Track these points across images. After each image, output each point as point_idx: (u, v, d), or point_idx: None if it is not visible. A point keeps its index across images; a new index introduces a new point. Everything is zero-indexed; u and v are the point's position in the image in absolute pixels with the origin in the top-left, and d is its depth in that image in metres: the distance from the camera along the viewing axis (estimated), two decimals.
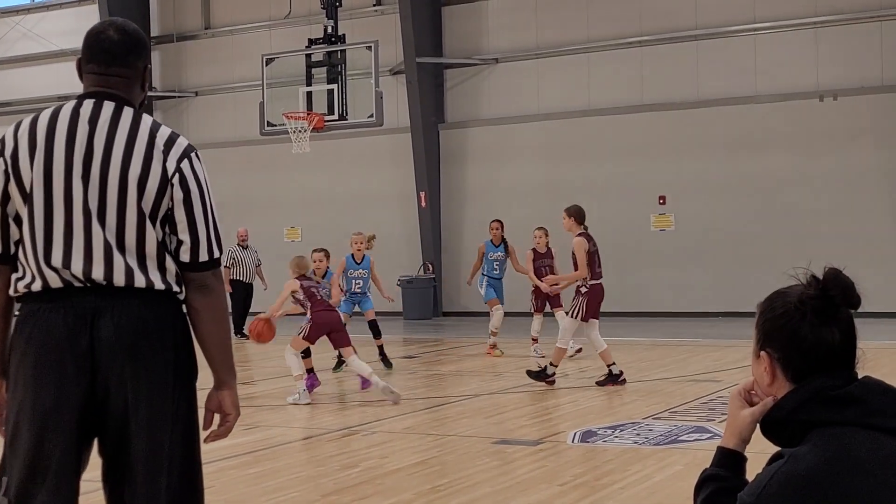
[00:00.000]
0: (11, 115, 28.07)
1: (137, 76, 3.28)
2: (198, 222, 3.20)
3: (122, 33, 3.26)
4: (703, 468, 2.56)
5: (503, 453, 7.64)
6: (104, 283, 3.10)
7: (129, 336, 3.09)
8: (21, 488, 3.08)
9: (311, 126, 17.83)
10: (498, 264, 14.63)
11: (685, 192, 20.90)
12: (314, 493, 6.42)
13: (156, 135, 3.18)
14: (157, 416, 3.13)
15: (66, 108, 3.20)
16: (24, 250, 3.15)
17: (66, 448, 3.08)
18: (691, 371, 12.24)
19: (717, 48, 20.78)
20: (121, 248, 3.11)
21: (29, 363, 3.10)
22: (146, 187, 3.12)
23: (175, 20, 26.13)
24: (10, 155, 3.15)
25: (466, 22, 23.12)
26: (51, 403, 3.07)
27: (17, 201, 3.15)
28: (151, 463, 3.13)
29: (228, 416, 3.32)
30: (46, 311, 3.10)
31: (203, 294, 3.24)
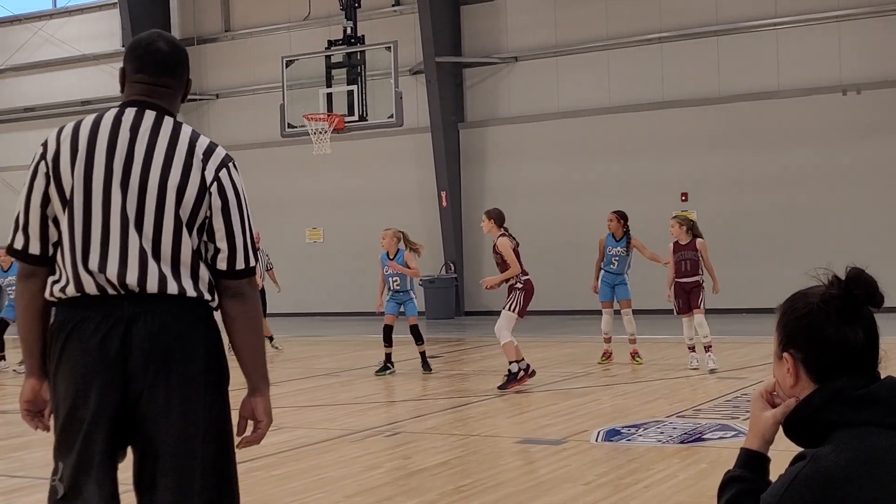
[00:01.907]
0: (34, 121, 28.28)
1: (181, 87, 3.37)
2: (235, 231, 3.25)
3: (171, 45, 3.34)
4: (727, 466, 2.55)
5: (527, 453, 7.63)
6: (137, 289, 3.14)
7: (160, 343, 3.13)
8: (72, 479, 3.17)
9: (331, 127, 17.87)
10: (617, 259, 13.24)
11: (707, 188, 20.81)
12: (338, 495, 6.43)
13: (195, 144, 3.23)
14: (189, 422, 3.17)
15: (109, 115, 3.27)
16: (62, 254, 3.20)
17: (105, 449, 3.16)
18: (717, 364, 12.17)
19: (739, 43, 20.68)
20: (156, 254, 3.16)
21: (67, 368, 3.17)
22: (185, 195, 3.17)
23: (195, 23, 26.22)
24: (51, 159, 3.21)
25: (485, 21, 23.10)
26: (90, 409, 3.14)
27: (57, 205, 3.20)
28: (183, 468, 3.17)
29: (260, 423, 3.35)
30: (81, 319, 3.16)
31: (238, 302, 3.28)
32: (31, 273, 3.26)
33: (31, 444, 8.67)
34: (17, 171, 28.15)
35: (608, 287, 13.31)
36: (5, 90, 28.91)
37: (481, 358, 14.72)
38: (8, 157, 28.48)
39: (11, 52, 28.47)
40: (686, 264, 12.33)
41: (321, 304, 24.29)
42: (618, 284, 13.33)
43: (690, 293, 12.34)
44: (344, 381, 12.52)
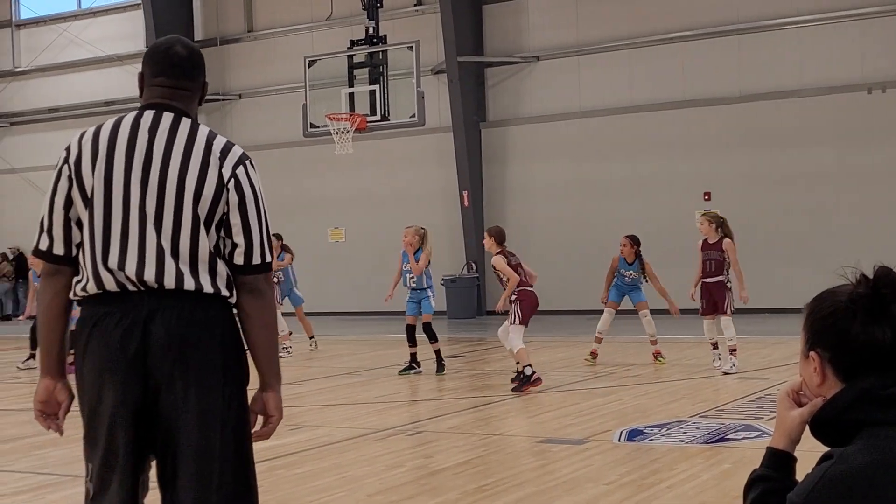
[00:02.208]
0: (59, 121, 28.46)
1: (199, 90, 3.48)
2: (252, 226, 3.31)
3: (188, 49, 3.45)
4: (752, 467, 2.54)
5: (548, 452, 7.62)
6: (155, 285, 3.21)
7: (178, 338, 3.19)
8: (99, 476, 3.25)
9: (353, 127, 17.90)
10: (630, 280, 13.38)
11: (730, 187, 20.73)
12: (360, 493, 6.44)
13: (212, 143, 3.32)
14: (207, 416, 3.22)
15: (128, 118, 3.35)
16: (83, 253, 3.28)
17: (128, 445, 3.22)
18: (738, 368, 12.12)
19: (761, 42, 20.60)
20: (174, 251, 3.23)
21: (90, 366, 3.25)
22: (203, 192, 3.24)
23: (218, 24, 26.32)
24: (73, 162, 3.30)
25: (507, 20, 23.09)
26: (114, 403, 3.21)
27: (80, 206, 3.28)
28: (201, 462, 3.22)
29: (272, 417, 3.40)
30: (103, 316, 3.23)
31: (254, 297, 3.33)
32: (55, 272, 3.33)
33: (57, 441, 8.70)
34: (42, 171, 28.34)
35: (619, 292, 13.38)
36: (31, 91, 29.11)
37: (502, 358, 14.69)
38: (33, 157, 28.67)
39: (37, 52, 28.68)
40: (711, 264, 12.22)
41: (343, 303, 24.33)
42: (631, 291, 13.37)
43: (715, 294, 12.12)
44: (365, 380, 12.54)
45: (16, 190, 28.88)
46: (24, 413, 10.88)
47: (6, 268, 28.23)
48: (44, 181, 32.39)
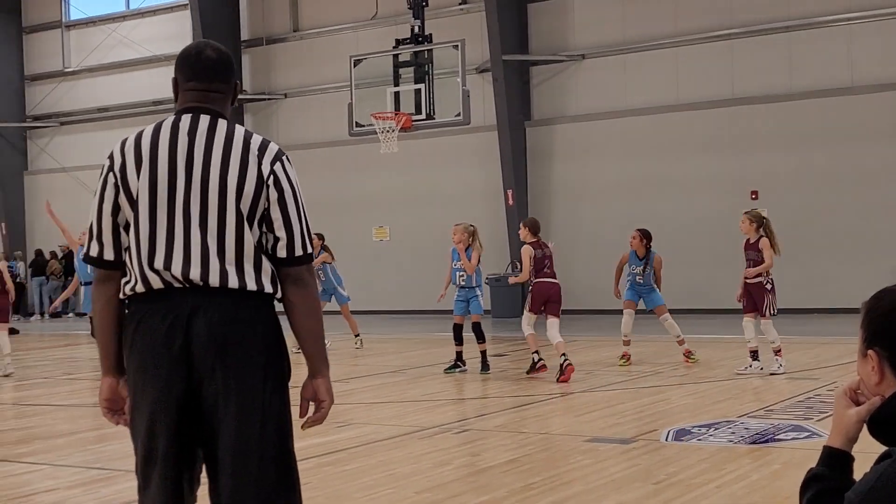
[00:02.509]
0: (108, 121, 28.81)
1: (231, 91, 3.55)
2: (292, 220, 3.41)
3: (218, 52, 3.54)
4: (801, 468, 2.54)
5: (596, 451, 7.60)
6: (200, 283, 3.30)
7: (220, 334, 3.29)
8: (143, 471, 3.37)
9: (398, 126, 17.95)
10: (641, 278, 13.10)
11: (778, 186, 20.55)
12: (408, 490, 6.47)
13: (250, 141, 3.42)
14: (247, 411, 3.30)
15: (167, 123, 3.44)
16: (130, 255, 3.38)
17: (170, 439, 3.31)
18: (786, 369, 12.02)
19: (811, 39, 20.40)
20: (220, 250, 3.33)
21: (135, 361, 3.35)
22: (244, 189, 3.34)
23: (264, 24, 26.50)
24: (118, 169, 3.40)
25: (552, 18, 23.04)
26: (156, 398, 3.30)
27: (126, 210, 3.39)
28: (239, 455, 3.30)
29: (323, 402, 3.50)
30: (148, 312, 3.34)
31: (298, 288, 3.44)
32: (107, 277, 3.45)
33: (108, 436, 8.85)
34: (91, 170, 28.70)
35: (634, 291, 13.18)
36: (80, 91, 29.50)
37: (547, 357, 14.68)
38: (82, 156, 29.06)
39: (86, 53, 29.06)
40: (750, 264, 12.08)
41: (387, 302, 24.41)
42: (645, 294, 13.18)
43: (754, 295, 12.00)
44: (411, 378, 12.58)
45: (66, 189, 29.26)
46: (77, 409, 11.06)
47: (55, 266, 28.61)
48: (93, 180, 32.84)
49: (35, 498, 6.74)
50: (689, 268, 21.07)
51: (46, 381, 13.49)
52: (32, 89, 30.39)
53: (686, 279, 21.02)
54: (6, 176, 29.99)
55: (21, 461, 7.90)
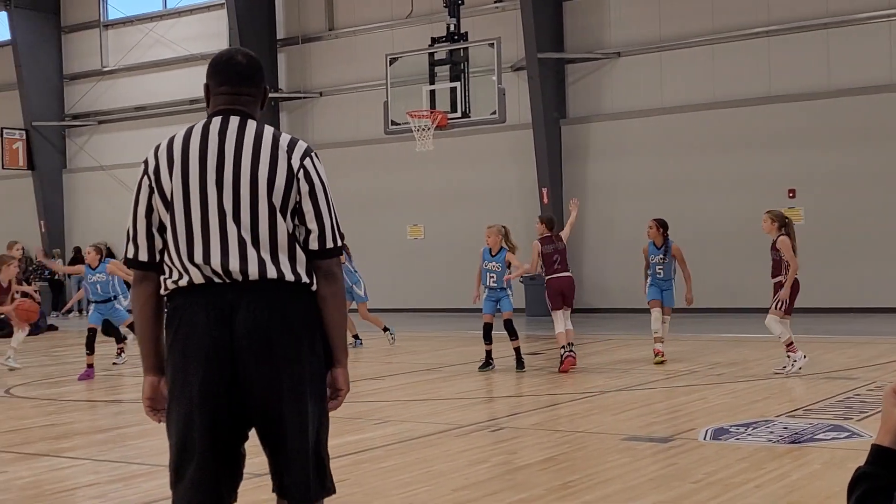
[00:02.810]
0: (145, 119, 29.04)
1: (260, 95, 3.67)
2: (323, 213, 3.51)
3: (247, 57, 3.68)
4: (842, 467, 2.52)
5: (633, 450, 7.58)
6: (240, 276, 3.40)
7: (263, 325, 3.38)
8: (176, 465, 3.43)
9: (434, 124, 17.97)
10: (662, 267, 13.23)
11: (815, 185, 20.38)
12: (445, 488, 6.48)
13: (279, 139, 3.53)
14: (295, 397, 3.42)
15: (197, 126, 3.55)
16: (170, 252, 3.47)
17: (209, 431, 3.39)
18: (825, 368, 11.94)
19: (849, 36, 20.21)
20: (255, 242, 3.42)
21: (177, 354, 3.43)
22: (275, 183, 3.44)
23: (300, 22, 26.61)
24: (152, 172, 3.51)
25: (587, 16, 22.97)
26: (195, 391, 3.38)
27: (161, 211, 3.49)
28: (296, 443, 3.42)
29: (340, 391, 3.62)
30: (190, 307, 3.42)
31: (329, 281, 3.55)
32: (144, 278, 3.56)
33: (148, 432, 8.92)
34: (129, 168, 28.95)
35: (657, 288, 13.27)
36: (118, 90, 29.75)
37: (583, 355, 14.66)
38: (120, 154, 29.30)
39: (124, 52, 29.30)
40: (773, 263, 11.86)
41: (421, 300, 24.44)
42: (665, 290, 13.28)
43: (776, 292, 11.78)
44: (446, 376, 12.59)
45: (104, 187, 29.54)
46: (115, 405, 11.17)
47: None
48: (130, 178, 33.04)
49: (77, 492, 6.82)
50: (725, 267, 20.95)
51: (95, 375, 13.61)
52: (71, 88, 30.69)
53: (723, 278, 20.90)
54: (45, 174, 30.31)
55: (62, 455, 7.99)
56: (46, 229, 30.18)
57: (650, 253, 13.33)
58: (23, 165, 30.01)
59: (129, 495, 6.59)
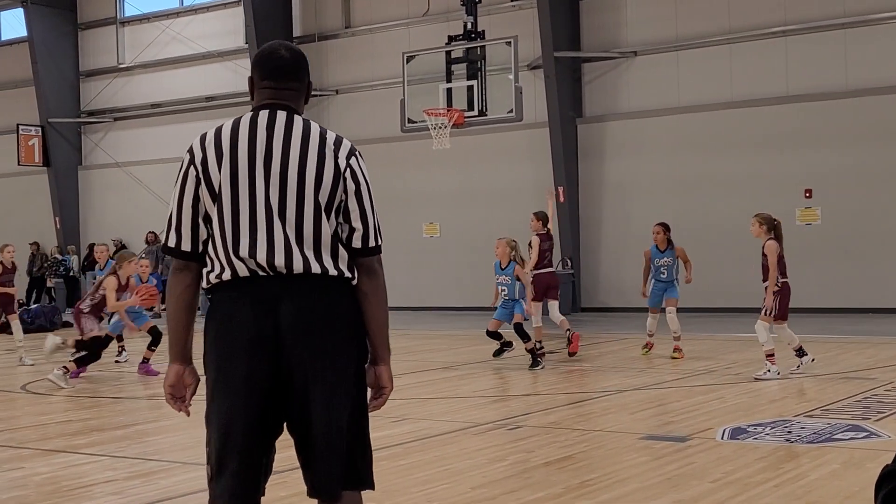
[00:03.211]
0: (160, 116, 29.10)
1: (304, 89, 3.69)
2: (367, 212, 3.57)
3: (291, 52, 3.68)
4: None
5: (651, 449, 7.56)
6: (284, 270, 3.42)
7: (307, 318, 3.41)
8: (218, 457, 3.44)
9: (451, 122, 17.97)
10: (665, 269, 13.56)
11: (832, 185, 20.29)
12: (464, 486, 6.48)
13: (325, 137, 3.57)
14: (336, 392, 3.44)
15: (245, 118, 3.56)
16: (214, 245, 3.49)
17: (253, 422, 3.42)
18: (842, 368, 11.90)
19: (867, 36, 20.10)
20: (299, 239, 3.44)
21: (221, 346, 3.45)
22: (322, 181, 3.47)
23: (316, 20, 26.63)
24: (200, 162, 3.51)
25: (604, 15, 22.92)
26: (240, 382, 3.41)
27: (207, 203, 3.50)
28: (329, 435, 3.42)
29: (384, 388, 3.66)
30: (235, 299, 3.45)
31: (371, 278, 3.57)
32: (184, 267, 3.56)
33: (165, 429, 8.96)
34: (144, 165, 29.04)
35: (658, 295, 13.61)
36: (134, 87, 29.82)
37: (599, 354, 14.65)
38: (136, 151, 29.38)
39: (140, 49, 29.37)
40: (762, 267, 11.75)
41: (438, 298, 24.43)
42: (669, 288, 13.58)
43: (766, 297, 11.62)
44: (463, 374, 12.59)
45: (119, 184, 29.62)
46: (133, 401, 11.20)
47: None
48: (146, 175, 33.04)
49: (94, 489, 6.84)
50: (742, 266, 20.86)
51: (100, 374, 13.65)
52: (87, 85, 30.78)
53: (740, 278, 20.82)
54: (61, 170, 30.40)
55: (79, 452, 8.01)
56: (61, 226, 30.29)
57: (654, 256, 13.63)
58: (38, 162, 30.11)
59: (147, 492, 6.60)
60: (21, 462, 7.68)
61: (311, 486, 3.52)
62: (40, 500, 6.47)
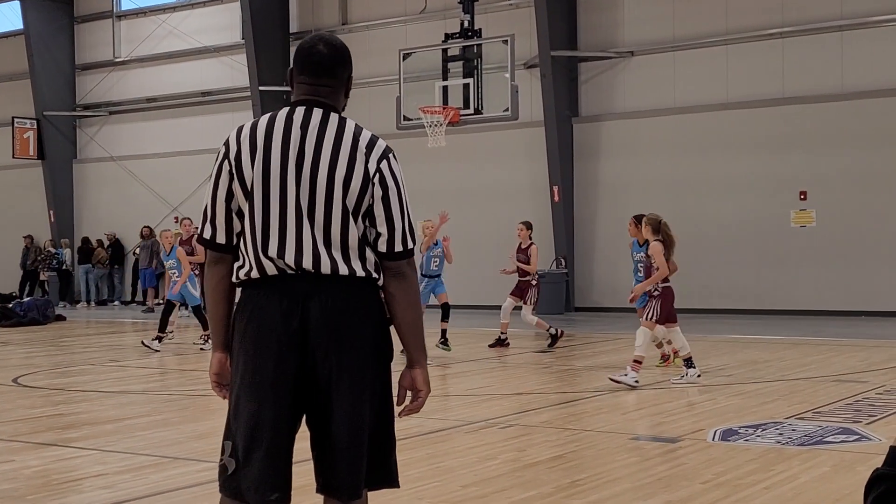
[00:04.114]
0: (156, 111, 29.06)
1: (342, 85, 3.69)
2: (395, 216, 3.56)
3: (330, 47, 3.66)
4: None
5: (642, 450, 7.57)
6: (312, 271, 3.45)
7: (334, 317, 3.44)
8: (244, 450, 3.46)
9: (446, 120, 17.96)
10: (643, 266, 12.67)
11: (828, 187, 20.31)
12: (454, 484, 6.47)
13: (359, 138, 3.56)
14: (358, 390, 3.46)
15: (281, 114, 3.58)
16: (245, 242, 3.53)
17: (280, 416, 3.45)
18: (834, 371, 11.92)
19: (864, 39, 20.12)
20: (327, 242, 3.47)
21: (249, 341, 3.48)
22: (350, 186, 3.49)
23: (313, 16, 26.60)
24: (234, 157, 3.54)
25: (601, 14, 22.92)
26: (269, 376, 3.44)
27: (240, 198, 3.54)
28: (352, 433, 3.44)
29: (420, 392, 3.66)
30: (264, 295, 3.49)
31: (399, 281, 3.58)
32: (219, 259, 3.61)
33: (157, 423, 8.95)
34: (140, 159, 29.00)
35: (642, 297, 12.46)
36: (130, 81, 29.76)
37: (592, 354, 14.66)
38: (131, 146, 29.33)
39: (136, 43, 29.32)
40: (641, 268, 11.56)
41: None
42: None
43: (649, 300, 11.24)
44: (455, 372, 12.59)
45: (114, 178, 29.57)
46: (124, 395, 11.18)
47: (102, 254, 28.91)
48: (141, 169, 32.95)
49: (84, 483, 6.82)
50: (735, 268, 20.91)
51: (93, 367, 13.64)
52: (83, 79, 30.72)
53: (733, 279, 20.86)
54: (55, 164, 30.33)
55: (70, 446, 8.00)
56: (55, 219, 30.22)
57: (633, 250, 12.78)
58: (33, 155, 30.04)
59: (138, 486, 6.58)
60: (12, 455, 7.66)
61: (325, 483, 3.52)
62: (30, 493, 6.45)
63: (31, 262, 29.78)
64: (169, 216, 27.88)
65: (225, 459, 3.51)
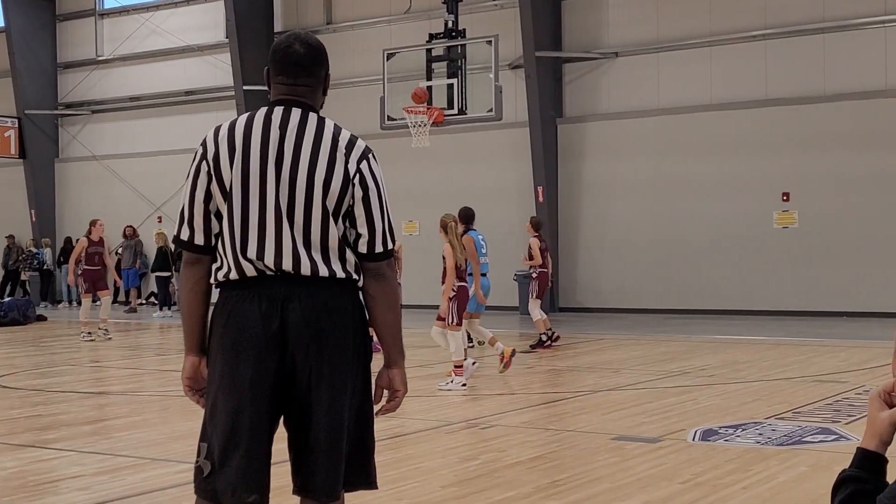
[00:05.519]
0: (139, 109, 28.95)
1: (320, 84, 3.65)
2: (374, 218, 3.54)
3: (307, 47, 3.61)
4: (829, 470, 2.51)
5: (622, 450, 7.57)
6: (292, 272, 3.43)
7: (314, 319, 3.42)
8: (221, 453, 3.43)
9: (430, 120, 17.94)
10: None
11: (810, 188, 20.39)
12: (434, 484, 6.47)
13: (338, 139, 3.53)
14: (337, 392, 3.43)
15: (259, 114, 3.54)
16: (223, 243, 3.50)
17: (259, 418, 3.42)
18: (815, 371, 11.95)
19: (846, 41, 20.20)
20: (306, 243, 3.45)
21: (228, 343, 3.45)
22: (330, 187, 3.46)
23: (298, 16, 26.56)
24: (212, 158, 3.51)
25: (586, 15, 22.95)
26: (248, 378, 3.41)
27: (219, 199, 3.51)
28: (331, 434, 3.42)
29: (398, 392, 3.64)
30: (243, 297, 3.46)
31: (378, 282, 3.57)
32: (196, 261, 3.57)
33: (134, 424, 8.91)
34: (123, 158, 28.89)
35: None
36: (113, 80, 29.65)
37: (575, 354, 14.67)
38: (114, 144, 29.22)
39: (119, 42, 29.21)
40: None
41: (416, 296, 24.36)
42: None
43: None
44: (438, 372, 12.57)
45: (96, 177, 29.45)
46: (103, 396, 11.13)
47: None
48: (123, 169, 32.84)
49: (61, 484, 6.78)
50: (718, 269, 20.96)
51: (73, 368, 13.58)
52: (65, 77, 30.59)
53: (715, 280, 20.91)
54: (37, 163, 30.19)
55: (47, 447, 7.95)
56: (37, 219, 30.07)
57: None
58: (14, 154, 29.88)
59: (114, 488, 6.55)
60: None
61: (302, 484, 3.49)
62: (6, 494, 6.41)
63: (13, 261, 29.62)
64: (152, 216, 27.80)
65: (201, 461, 3.47)
